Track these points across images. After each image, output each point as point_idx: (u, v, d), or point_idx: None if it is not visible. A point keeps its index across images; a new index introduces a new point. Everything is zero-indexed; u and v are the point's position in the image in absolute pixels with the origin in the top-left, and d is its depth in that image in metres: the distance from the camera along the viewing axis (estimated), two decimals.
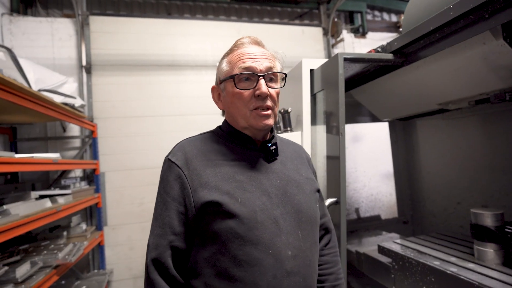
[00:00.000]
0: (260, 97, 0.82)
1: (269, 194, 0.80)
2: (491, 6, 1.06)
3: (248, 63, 0.82)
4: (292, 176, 0.88)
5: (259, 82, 0.82)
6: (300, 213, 0.82)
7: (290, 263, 0.75)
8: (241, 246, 0.73)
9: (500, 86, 1.34)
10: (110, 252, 3.17)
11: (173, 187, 0.80)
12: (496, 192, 1.82)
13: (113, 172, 3.23)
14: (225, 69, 0.87)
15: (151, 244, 0.79)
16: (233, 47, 0.90)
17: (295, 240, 0.78)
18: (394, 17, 5.00)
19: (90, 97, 3.22)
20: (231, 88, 0.84)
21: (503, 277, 1.18)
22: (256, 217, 0.75)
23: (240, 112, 0.84)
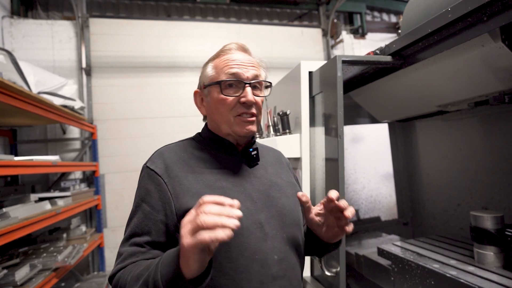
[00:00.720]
0: (245, 104, 0.81)
1: (253, 199, 0.80)
2: (489, 9, 1.06)
3: (235, 69, 0.82)
4: (274, 180, 0.88)
5: (245, 90, 0.81)
6: (284, 216, 0.82)
7: (276, 267, 0.75)
8: (227, 253, 0.71)
9: (499, 88, 1.33)
10: (110, 254, 3.17)
11: (153, 196, 0.76)
12: (496, 194, 1.81)
13: (112, 174, 3.24)
14: (211, 74, 0.86)
15: (124, 253, 0.72)
16: (219, 52, 0.89)
17: (281, 243, 0.78)
18: (394, 17, 5.00)
19: (90, 99, 3.23)
20: (216, 94, 0.83)
21: (503, 280, 1.17)
22: (242, 223, 0.71)
23: (224, 118, 0.83)
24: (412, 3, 1.53)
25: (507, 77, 1.28)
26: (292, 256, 0.81)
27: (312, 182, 1.67)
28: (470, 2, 1.06)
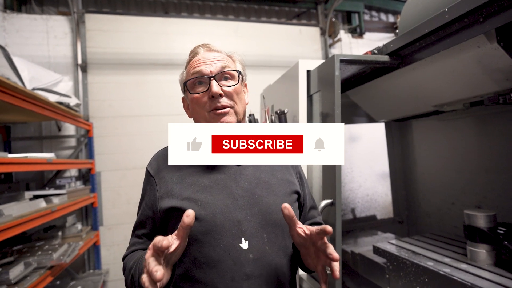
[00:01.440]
0: (213, 97, 0.84)
1: (234, 197, 0.80)
2: (485, 10, 1.07)
3: (198, 68, 0.86)
4: (263, 178, 0.87)
5: (210, 83, 0.84)
6: (268, 215, 0.81)
7: (250, 266, 0.75)
8: (200, 248, 0.75)
9: (494, 88, 1.35)
10: (106, 252, 3.16)
11: (147, 194, 0.88)
12: (490, 193, 1.83)
13: (109, 172, 3.22)
14: (184, 78, 0.93)
15: (130, 242, 0.91)
16: (189, 58, 0.94)
17: (259, 243, 0.77)
18: (392, 17, 5.02)
19: (85, 96, 3.20)
20: (189, 95, 0.89)
21: (495, 277, 1.19)
22: (215, 220, 0.76)
23: (201, 116, 0.88)
24: (410, 3, 1.54)
25: (502, 78, 1.29)
26: (273, 257, 0.79)
27: (309, 181, 1.68)
28: (467, 3, 1.07)
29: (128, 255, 0.86)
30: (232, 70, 0.89)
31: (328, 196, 1.44)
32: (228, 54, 0.94)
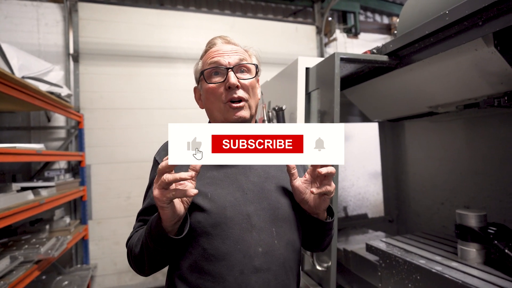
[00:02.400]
0: (230, 89, 0.84)
1: (243, 190, 0.81)
2: (485, 14, 1.09)
3: (216, 58, 0.86)
4: (272, 173, 0.88)
5: (228, 75, 0.84)
6: (277, 210, 0.82)
7: (259, 259, 0.75)
8: (210, 240, 0.75)
9: (489, 91, 1.38)
10: (95, 247, 3.11)
11: None
12: (478, 194, 1.88)
13: (99, 165, 3.16)
14: (200, 68, 0.92)
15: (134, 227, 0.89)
16: (206, 48, 0.94)
17: (268, 236, 0.78)
18: (386, 19, 5.07)
19: (77, 87, 3.12)
20: (204, 84, 0.88)
21: (484, 275, 1.23)
22: (225, 213, 0.77)
23: (215, 107, 0.86)
24: (409, 4, 1.56)
25: (497, 82, 1.32)
26: (282, 251, 0.79)
27: None
28: (468, 6, 1.09)
29: (132, 236, 0.86)
30: (249, 63, 0.89)
31: None
32: (245, 48, 0.94)
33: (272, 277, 0.76)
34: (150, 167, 0.95)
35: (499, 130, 1.74)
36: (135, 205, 3.24)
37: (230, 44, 0.91)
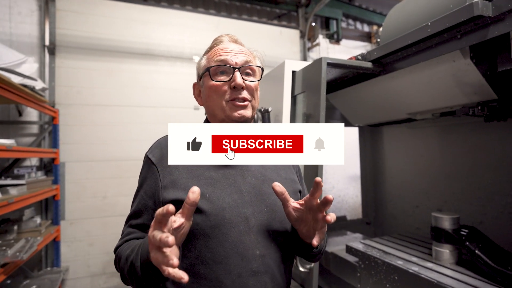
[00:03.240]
0: (235, 88, 0.83)
1: (241, 192, 0.79)
2: (463, 28, 1.16)
3: (224, 57, 0.85)
4: (269, 175, 0.87)
5: (234, 74, 0.83)
6: (274, 212, 0.81)
7: (257, 262, 0.75)
8: (207, 243, 0.73)
9: (463, 101, 1.46)
10: (67, 249, 2.96)
11: (147, 183, 0.83)
12: (450, 197, 1.98)
13: (74, 163, 3.02)
14: (204, 64, 0.90)
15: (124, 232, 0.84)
16: (212, 44, 0.92)
17: (266, 239, 0.78)
18: (367, 27, 5.24)
19: (52, 81, 2.97)
20: (208, 81, 0.86)
21: (457, 275, 1.29)
22: (224, 214, 0.75)
23: (217, 104, 0.85)
24: (392, 14, 1.62)
25: (471, 92, 1.40)
26: (279, 253, 0.80)
27: None
28: (448, 19, 1.15)
29: (122, 245, 0.80)
30: (255, 65, 0.89)
31: None
32: (249, 49, 0.94)
33: (269, 280, 0.76)
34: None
35: (469, 138, 1.85)
36: (111, 205, 3.13)
37: (237, 44, 0.90)
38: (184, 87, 3.53)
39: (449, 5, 1.25)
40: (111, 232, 3.13)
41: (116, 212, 3.15)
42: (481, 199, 1.77)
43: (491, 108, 1.38)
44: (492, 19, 1.08)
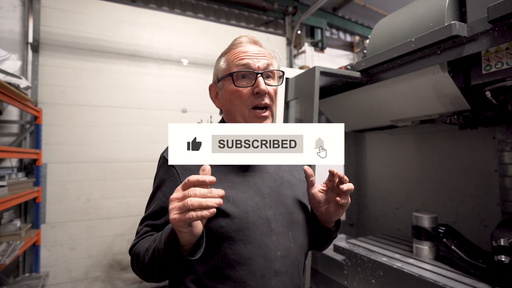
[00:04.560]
0: (258, 94, 0.83)
1: (262, 194, 0.80)
2: (442, 45, 1.29)
3: (246, 60, 0.83)
4: (285, 177, 0.88)
5: (257, 80, 0.82)
6: (292, 214, 0.83)
7: (278, 263, 0.77)
8: (232, 245, 0.74)
9: (441, 110, 1.60)
10: (47, 253, 2.85)
11: (166, 184, 0.82)
12: (427, 200, 2.13)
13: (57, 164, 2.92)
14: (223, 67, 0.87)
15: (140, 232, 0.82)
16: (230, 46, 0.90)
17: (286, 240, 0.80)
18: (349, 37, 5.47)
19: (35, 79, 2.88)
20: (229, 86, 0.84)
21: (435, 269, 1.42)
22: (248, 217, 0.76)
23: (239, 110, 0.84)
24: (378, 28, 1.75)
25: (448, 102, 1.54)
26: (296, 254, 0.83)
27: None
28: (430, 37, 1.28)
29: (139, 242, 0.79)
30: (276, 69, 0.88)
31: None
32: (270, 51, 0.91)
33: (289, 279, 0.79)
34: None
35: (444, 144, 2.01)
36: (96, 208, 3.05)
37: (256, 45, 0.89)
38: (172, 89, 3.53)
39: (429, 23, 1.38)
40: (95, 236, 3.05)
41: (101, 215, 3.08)
42: (455, 201, 1.93)
43: (465, 117, 1.52)
44: (467, 39, 1.22)
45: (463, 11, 1.32)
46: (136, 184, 3.24)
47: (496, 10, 1.06)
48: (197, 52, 3.75)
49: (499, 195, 1.65)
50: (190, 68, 3.69)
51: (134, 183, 3.23)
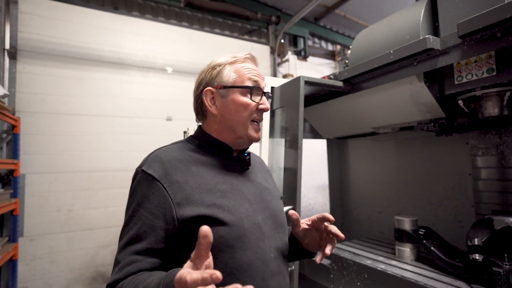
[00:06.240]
0: (262, 111, 0.90)
1: (249, 201, 0.84)
2: (418, 57, 1.37)
3: (256, 78, 0.89)
4: (263, 184, 0.94)
5: (263, 99, 0.90)
6: (277, 217, 0.89)
7: (273, 264, 0.82)
8: (232, 254, 0.74)
9: (418, 118, 1.69)
10: (25, 268, 2.73)
11: (151, 201, 0.74)
12: (408, 203, 2.22)
13: (36, 175, 2.82)
14: (233, 77, 0.88)
15: (122, 262, 0.70)
16: (235, 58, 0.91)
17: (275, 242, 0.85)
18: (331, 46, 5.65)
19: (12, 87, 2.79)
20: (239, 97, 0.86)
21: (416, 269, 1.48)
22: (243, 224, 0.78)
23: (243, 121, 0.87)
24: (359, 39, 1.83)
25: (425, 111, 1.63)
26: (284, 254, 0.88)
27: None
28: (407, 49, 1.36)
29: (126, 280, 0.67)
30: (269, 93, 0.95)
31: (288, 203, 1.58)
32: None
33: (282, 279, 0.84)
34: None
35: (423, 150, 2.11)
36: (77, 219, 2.96)
37: (256, 65, 0.95)
38: (156, 97, 3.51)
39: (406, 36, 1.47)
40: (77, 248, 2.95)
41: (83, 226, 2.98)
42: (433, 204, 2.02)
43: (441, 124, 1.61)
44: (440, 52, 1.31)
45: (436, 26, 1.41)
46: (121, 193, 3.17)
47: (465, 26, 1.15)
48: (182, 60, 3.75)
49: (473, 197, 1.74)
50: (175, 76, 3.68)
51: (118, 193, 3.16)
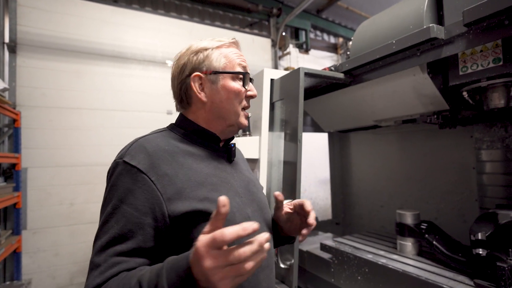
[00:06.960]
0: (250, 97, 0.88)
1: (239, 194, 0.82)
2: (422, 47, 1.33)
3: (244, 64, 0.86)
4: (248, 176, 0.93)
5: (251, 85, 0.87)
6: (264, 210, 0.89)
7: None
8: None
9: (421, 110, 1.65)
10: (29, 260, 2.76)
11: (136, 196, 0.67)
12: (410, 197, 2.20)
13: (38, 169, 2.83)
14: (223, 62, 0.82)
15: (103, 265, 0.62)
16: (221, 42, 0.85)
17: None
18: (333, 38, 5.56)
19: (13, 81, 2.78)
20: (231, 83, 0.82)
21: (418, 264, 1.46)
22: (235, 218, 0.75)
23: (235, 109, 0.83)
24: (361, 30, 1.79)
25: (428, 103, 1.60)
26: (271, 247, 0.88)
27: (269, 183, 1.78)
28: (410, 39, 1.32)
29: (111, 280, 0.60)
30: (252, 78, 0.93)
31: (288, 197, 1.56)
32: None
33: (270, 272, 0.84)
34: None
35: (426, 143, 2.08)
36: (79, 212, 2.98)
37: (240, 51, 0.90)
38: (157, 91, 3.49)
39: (409, 26, 1.42)
40: (80, 241, 2.97)
41: (85, 220, 3.00)
42: (436, 198, 1.99)
43: (444, 117, 1.58)
44: (444, 41, 1.27)
45: (441, 15, 1.37)
46: None
47: (471, 14, 1.10)
48: None
49: (477, 191, 1.71)
50: None
51: None
